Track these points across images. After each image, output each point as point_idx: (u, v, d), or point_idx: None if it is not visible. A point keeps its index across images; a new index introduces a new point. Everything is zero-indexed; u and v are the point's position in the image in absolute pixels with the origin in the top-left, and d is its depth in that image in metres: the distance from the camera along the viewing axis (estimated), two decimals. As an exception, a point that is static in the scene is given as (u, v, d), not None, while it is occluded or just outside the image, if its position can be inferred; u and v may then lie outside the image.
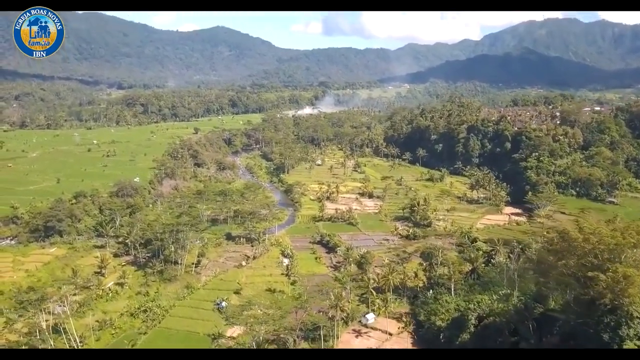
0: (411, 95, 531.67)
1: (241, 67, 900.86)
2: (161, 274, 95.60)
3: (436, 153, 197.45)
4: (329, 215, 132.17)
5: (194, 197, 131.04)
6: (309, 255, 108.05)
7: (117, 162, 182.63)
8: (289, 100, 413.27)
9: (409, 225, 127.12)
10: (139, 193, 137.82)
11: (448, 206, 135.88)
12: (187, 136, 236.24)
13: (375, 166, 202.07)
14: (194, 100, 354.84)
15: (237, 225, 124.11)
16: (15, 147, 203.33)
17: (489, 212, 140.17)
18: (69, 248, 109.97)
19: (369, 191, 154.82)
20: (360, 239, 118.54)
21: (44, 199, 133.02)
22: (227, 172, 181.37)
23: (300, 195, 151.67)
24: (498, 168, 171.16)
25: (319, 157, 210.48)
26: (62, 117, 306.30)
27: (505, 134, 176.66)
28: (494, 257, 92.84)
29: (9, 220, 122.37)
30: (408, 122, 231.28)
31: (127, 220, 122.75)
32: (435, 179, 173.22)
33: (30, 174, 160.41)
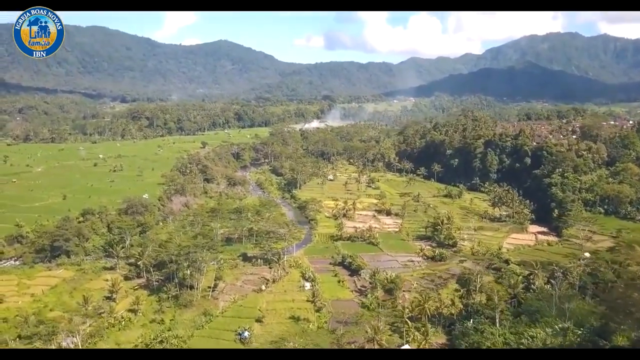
0: (417, 109, 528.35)
1: (244, 81, 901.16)
2: (176, 299, 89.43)
3: (452, 168, 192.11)
4: (347, 234, 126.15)
5: (208, 215, 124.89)
6: (331, 278, 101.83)
7: (124, 177, 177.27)
8: (294, 114, 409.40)
9: (433, 245, 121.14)
10: (148, 210, 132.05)
11: (474, 225, 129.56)
12: (194, 150, 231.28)
13: (389, 181, 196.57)
14: (200, 113, 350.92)
15: (253, 245, 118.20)
16: (19, 162, 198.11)
17: (514, 231, 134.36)
18: (76, 270, 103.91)
19: (387, 208, 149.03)
20: (383, 260, 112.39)
21: (49, 217, 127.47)
22: (238, 187, 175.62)
23: (316, 212, 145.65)
24: (518, 184, 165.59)
25: (330, 172, 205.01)
26: (67, 131, 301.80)
27: (525, 149, 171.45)
28: (533, 282, 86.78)
29: (14, 239, 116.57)
30: (421, 137, 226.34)
31: (137, 239, 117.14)
32: (454, 195, 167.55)
33: (35, 190, 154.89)
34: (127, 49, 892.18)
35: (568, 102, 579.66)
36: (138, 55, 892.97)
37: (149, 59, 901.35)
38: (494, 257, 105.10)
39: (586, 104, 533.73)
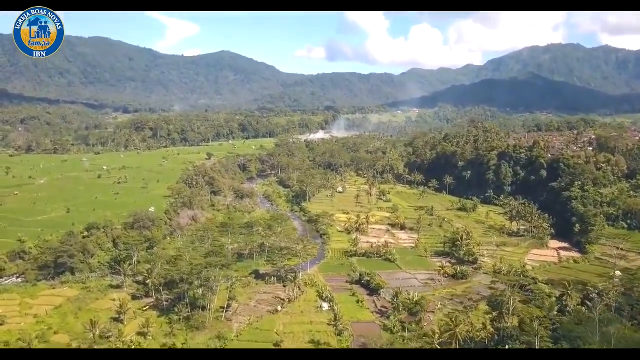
0: (421, 120, 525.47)
1: (246, 92, 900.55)
2: (188, 320, 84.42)
3: (464, 181, 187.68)
4: (363, 250, 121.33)
5: (219, 230, 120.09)
6: (349, 298, 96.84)
7: (129, 190, 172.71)
8: (299, 125, 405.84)
9: (452, 262, 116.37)
10: (155, 225, 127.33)
11: (496, 240, 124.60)
12: (200, 162, 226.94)
13: (400, 194, 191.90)
14: (203, 124, 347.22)
15: (265, 262, 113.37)
16: (21, 173, 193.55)
17: (534, 247, 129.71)
18: (82, 288, 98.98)
19: (401, 222, 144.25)
20: (402, 278, 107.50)
21: (53, 231, 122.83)
22: (246, 200, 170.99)
23: (328, 226, 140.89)
24: (533, 197, 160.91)
25: (339, 184, 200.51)
26: (69, 142, 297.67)
27: (540, 161, 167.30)
28: (566, 304, 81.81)
29: (16, 255, 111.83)
30: (431, 148, 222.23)
31: (144, 255, 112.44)
32: (468, 209, 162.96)
33: (38, 203, 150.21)
34: (130, 60, 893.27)
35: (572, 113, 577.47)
36: (140, 65, 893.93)
37: (151, 69, 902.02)
38: (520, 276, 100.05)
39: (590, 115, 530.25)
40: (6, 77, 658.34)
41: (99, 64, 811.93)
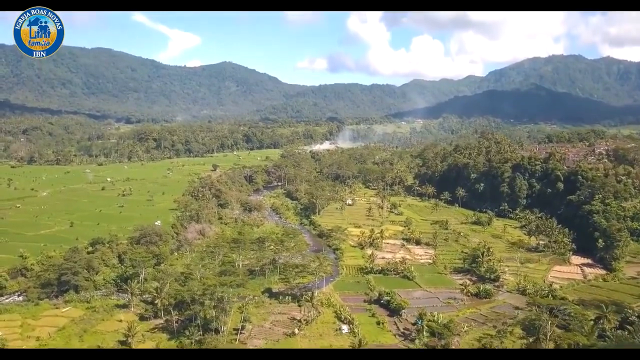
0: (426, 131, 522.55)
1: (248, 102, 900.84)
2: (200, 344, 79.25)
3: (477, 193, 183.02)
4: (379, 267, 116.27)
5: (229, 245, 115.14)
6: (368, 319, 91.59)
7: (134, 202, 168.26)
8: (303, 136, 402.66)
9: (473, 279, 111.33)
10: (163, 240, 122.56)
11: (520, 256, 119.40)
12: (205, 173, 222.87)
13: (411, 206, 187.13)
14: (207, 135, 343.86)
15: (278, 279, 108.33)
16: (24, 185, 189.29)
17: (555, 263, 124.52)
18: (86, 308, 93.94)
19: (416, 237, 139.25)
20: (422, 297, 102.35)
21: (56, 246, 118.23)
22: (254, 213, 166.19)
23: (341, 241, 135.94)
24: (550, 211, 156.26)
25: (348, 196, 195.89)
26: (72, 152, 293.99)
27: (557, 173, 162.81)
28: (604, 328, 76.66)
29: (17, 272, 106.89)
30: (442, 159, 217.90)
31: (151, 272, 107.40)
32: (483, 223, 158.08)
33: (40, 216, 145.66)
34: (132, 70, 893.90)
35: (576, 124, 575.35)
36: (142, 76, 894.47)
37: (154, 80, 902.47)
38: (549, 295, 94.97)
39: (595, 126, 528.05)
40: (9, 88, 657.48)
41: (102, 74, 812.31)
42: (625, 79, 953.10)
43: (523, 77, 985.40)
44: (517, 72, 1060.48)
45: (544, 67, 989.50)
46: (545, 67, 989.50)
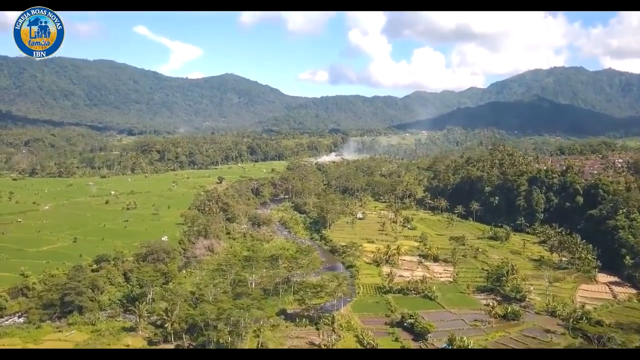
0: (431, 142, 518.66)
1: (250, 114, 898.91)
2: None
3: (492, 207, 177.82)
4: (398, 286, 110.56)
5: (241, 263, 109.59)
6: (392, 344, 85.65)
7: (139, 217, 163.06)
8: (307, 147, 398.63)
9: (496, 299, 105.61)
10: (170, 257, 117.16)
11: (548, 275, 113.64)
12: (211, 186, 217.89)
13: (423, 220, 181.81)
14: (211, 147, 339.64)
15: (293, 299, 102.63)
16: (25, 199, 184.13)
17: (581, 281, 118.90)
18: (91, 331, 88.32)
19: (434, 253, 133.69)
20: (447, 318, 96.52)
21: (59, 263, 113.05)
22: (263, 228, 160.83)
23: (356, 258, 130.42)
24: (569, 225, 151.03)
25: (358, 209, 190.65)
26: (74, 164, 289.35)
27: (576, 186, 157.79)
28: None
29: (18, 291, 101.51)
30: (453, 172, 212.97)
31: (159, 291, 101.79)
32: (501, 238, 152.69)
33: (42, 231, 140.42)
34: (134, 82, 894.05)
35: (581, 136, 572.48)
36: (145, 88, 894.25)
37: (156, 92, 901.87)
38: (582, 318, 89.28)
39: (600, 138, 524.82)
40: (11, 100, 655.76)
41: (104, 86, 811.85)
42: (627, 91, 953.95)
43: (525, 89, 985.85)
44: (518, 83, 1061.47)
45: (545, 79, 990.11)
46: (547, 78, 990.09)
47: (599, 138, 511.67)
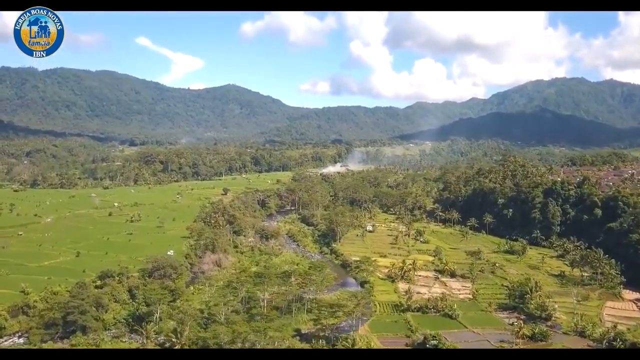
0: (435, 153, 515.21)
1: (252, 125, 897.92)
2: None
3: (505, 219, 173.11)
4: (416, 304, 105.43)
5: (253, 280, 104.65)
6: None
7: (144, 229, 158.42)
8: (311, 158, 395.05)
9: (520, 318, 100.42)
10: (177, 272, 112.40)
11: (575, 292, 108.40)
12: (216, 197, 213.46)
13: (435, 233, 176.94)
14: (215, 157, 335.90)
15: (307, 319, 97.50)
16: (26, 211, 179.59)
17: (606, 298, 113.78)
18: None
19: (450, 269, 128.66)
20: (470, 339, 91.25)
21: (61, 279, 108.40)
22: (272, 241, 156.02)
23: (369, 273, 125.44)
24: (588, 239, 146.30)
25: (368, 221, 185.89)
26: (76, 175, 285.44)
27: (594, 199, 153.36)
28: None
29: (19, 309, 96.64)
30: (464, 183, 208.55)
31: (166, 309, 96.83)
32: (517, 252, 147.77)
33: (44, 245, 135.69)
34: (136, 93, 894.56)
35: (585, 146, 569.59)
36: (147, 99, 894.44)
37: (158, 102, 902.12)
38: (617, 340, 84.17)
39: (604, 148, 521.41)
40: (13, 110, 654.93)
41: (106, 96, 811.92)
42: (629, 102, 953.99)
43: (527, 100, 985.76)
44: (520, 94, 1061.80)
45: (547, 90, 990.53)
46: (549, 89, 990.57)
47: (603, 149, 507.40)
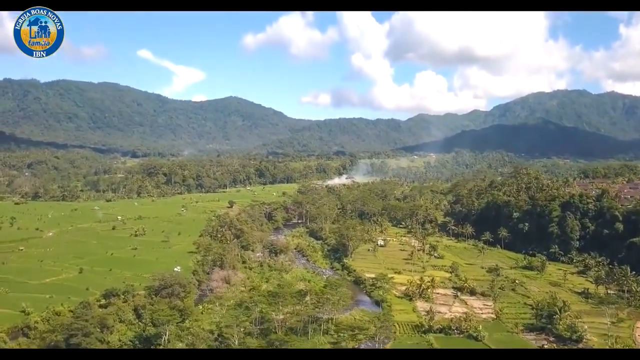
0: (440, 165, 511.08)
1: (254, 137, 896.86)
2: None
3: (521, 234, 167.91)
4: (438, 324, 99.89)
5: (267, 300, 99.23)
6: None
7: (148, 244, 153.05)
8: (316, 170, 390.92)
9: (549, 339, 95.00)
10: (186, 290, 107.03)
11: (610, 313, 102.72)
12: (222, 210, 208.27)
13: (449, 248, 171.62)
14: (219, 169, 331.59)
15: (325, 341, 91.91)
16: (27, 224, 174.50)
17: (635, 317, 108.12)
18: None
19: (470, 286, 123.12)
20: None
21: (63, 298, 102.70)
22: (280, 256, 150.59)
23: (386, 291, 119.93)
24: (609, 254, 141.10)
25: (379, 236, 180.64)
26: (78, 187, 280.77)
27: (615, 213, 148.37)
28: None
29: (19, 331, 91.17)
30: (477, 196, 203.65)
31: (174, 330, 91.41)
32: (536, 267, 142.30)
33: (45, 261, 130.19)
34: (138, 105, 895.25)
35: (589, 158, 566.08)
36: (148, 110, 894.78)
37: (159, 114, 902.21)
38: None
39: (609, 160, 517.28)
40: (15, 122, 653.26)
41: (108, 108, 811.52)
42: (631, 114, 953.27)
43: (528, 112, 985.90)
44: (521, 106, 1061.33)
45: (549, 102, 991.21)
46: (551, 101, 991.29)
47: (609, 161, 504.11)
